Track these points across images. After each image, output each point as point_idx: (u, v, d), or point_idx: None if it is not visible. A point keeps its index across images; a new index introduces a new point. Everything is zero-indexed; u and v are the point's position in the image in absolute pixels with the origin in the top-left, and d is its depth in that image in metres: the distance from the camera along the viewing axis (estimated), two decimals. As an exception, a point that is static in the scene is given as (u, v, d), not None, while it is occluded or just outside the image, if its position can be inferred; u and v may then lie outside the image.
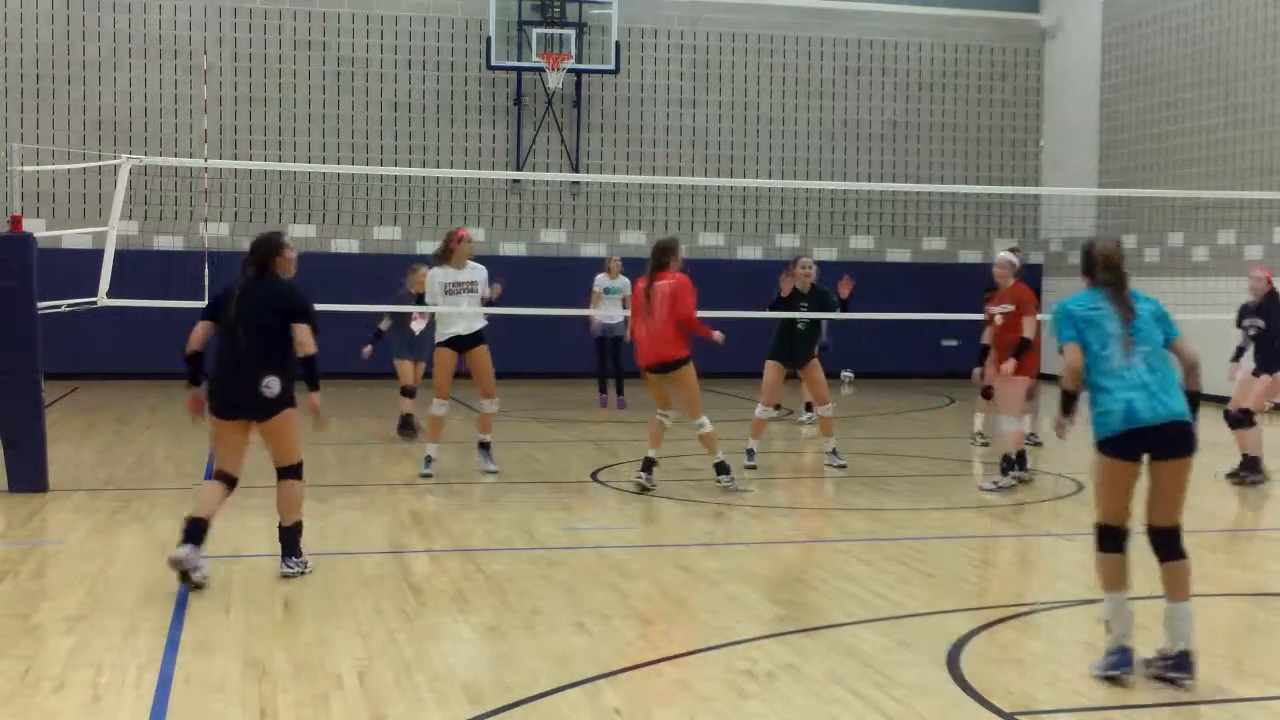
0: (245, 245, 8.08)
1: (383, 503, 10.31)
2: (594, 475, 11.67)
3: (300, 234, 20.81)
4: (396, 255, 20.92)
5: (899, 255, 23.04)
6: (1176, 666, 5.72)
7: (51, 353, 11.41)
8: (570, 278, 19.02)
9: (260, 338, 7.53)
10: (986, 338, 11.95)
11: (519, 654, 6.19)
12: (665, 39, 22.38)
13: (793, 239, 22.50)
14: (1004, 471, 11.10)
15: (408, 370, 14.09)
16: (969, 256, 23.28)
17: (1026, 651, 6.29)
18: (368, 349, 13.95)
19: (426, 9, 21.50)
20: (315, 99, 21.09)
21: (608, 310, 16.93)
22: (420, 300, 13.36)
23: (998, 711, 5.42)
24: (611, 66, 21.50)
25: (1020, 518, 10.18)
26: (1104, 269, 5.99)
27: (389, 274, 20.19)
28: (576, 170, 21.59)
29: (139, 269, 16.89)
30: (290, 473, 7.75)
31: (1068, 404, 5.95)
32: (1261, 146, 18.71)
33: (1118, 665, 5.78)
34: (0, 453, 10.47)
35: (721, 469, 10.75)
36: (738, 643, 6.39)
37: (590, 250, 21.56)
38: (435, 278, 11.31)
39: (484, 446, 11.70)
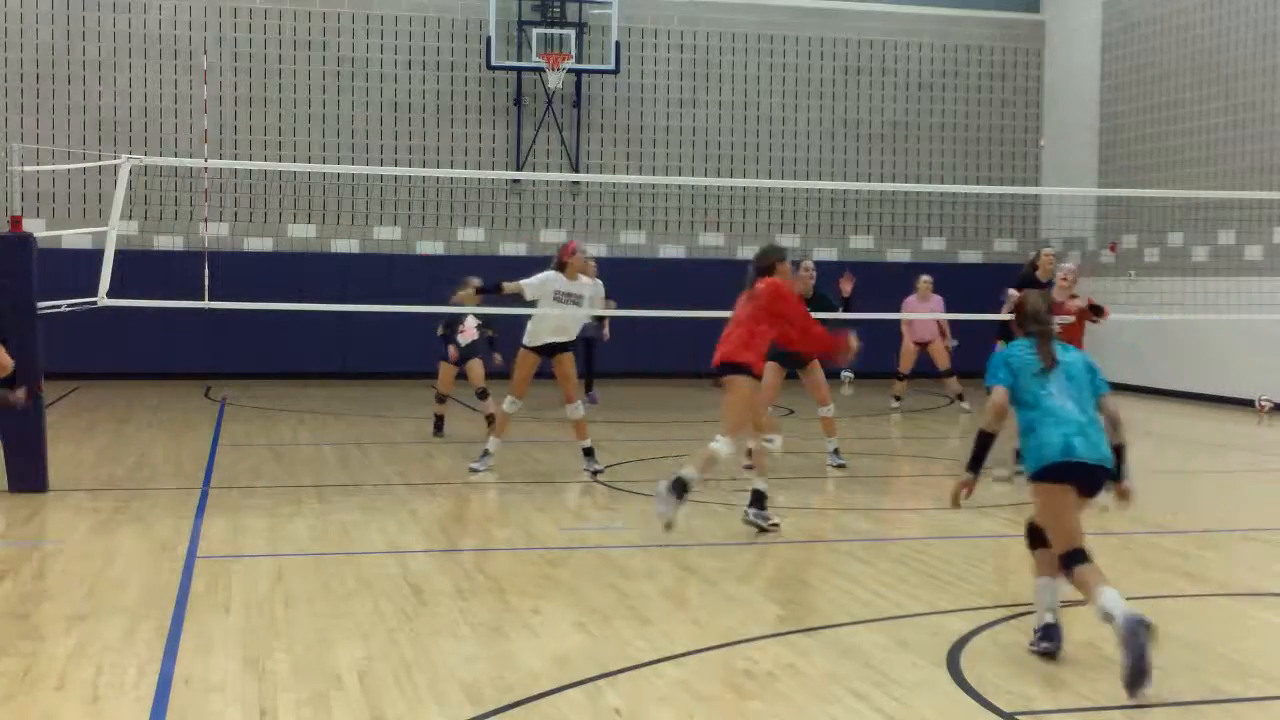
0: (245, 245, 8.01)
1: (383, 503, 10.31)
2: (594, 475, 11.66)
3: (300, 234, 20.82)
4: (396, 255, 20.97)
5: (899, 255, 23.03)
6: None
7: (51, 353, 11.41)
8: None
9: None
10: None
11: (519, 654, 6.19)
12: (665, 39, 22.38)
13: (793, 239, 22.49)
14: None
15: (449, 376, 14.30)
16: (969, 256, 23.29)
17: (1026, 651, 6.29)
18: (451, 350, 14.06)
19: (426, 9, 21.50)
20: (315, 99, 21.09)
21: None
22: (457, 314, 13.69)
23: (998, 711, 5.43)
24: (611, 66, 21.50)
25: (1020, 518, 10.15)
26: (1032, 321, 6.32)
27: (390, 274, 20.37)
28: (576, 170, 21.58)
29: (139, 269, 16.88)
30: None
31: (981, 452, 6.21)
32: (1261, 146, 18.70)
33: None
34: (0, 453, 10.48)
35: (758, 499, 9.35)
36: (738, 643, 6.39)
37: (591, 251, 21.40)
38: (551, 281, 11.46)
39: (588, 453, 11.75)
